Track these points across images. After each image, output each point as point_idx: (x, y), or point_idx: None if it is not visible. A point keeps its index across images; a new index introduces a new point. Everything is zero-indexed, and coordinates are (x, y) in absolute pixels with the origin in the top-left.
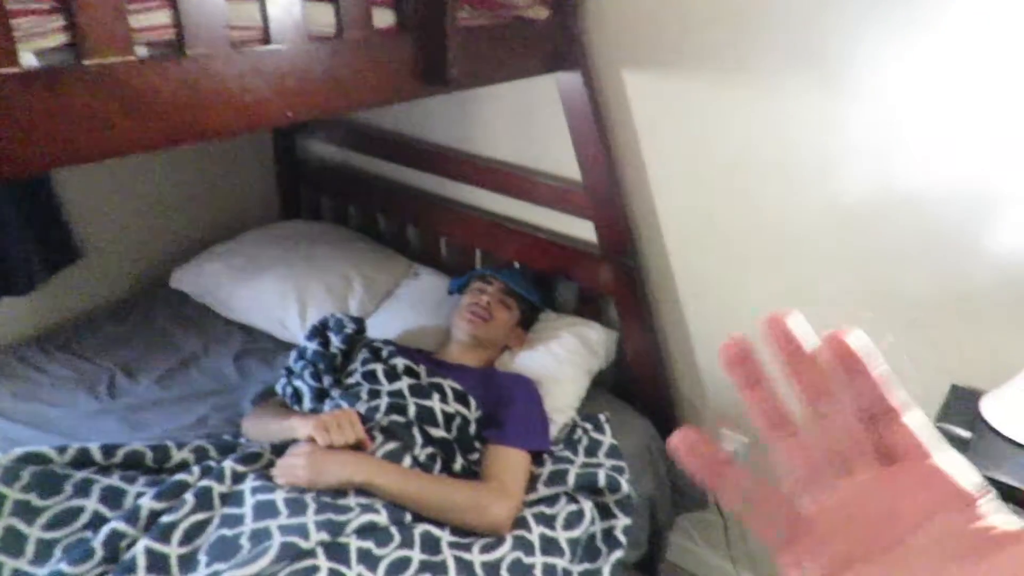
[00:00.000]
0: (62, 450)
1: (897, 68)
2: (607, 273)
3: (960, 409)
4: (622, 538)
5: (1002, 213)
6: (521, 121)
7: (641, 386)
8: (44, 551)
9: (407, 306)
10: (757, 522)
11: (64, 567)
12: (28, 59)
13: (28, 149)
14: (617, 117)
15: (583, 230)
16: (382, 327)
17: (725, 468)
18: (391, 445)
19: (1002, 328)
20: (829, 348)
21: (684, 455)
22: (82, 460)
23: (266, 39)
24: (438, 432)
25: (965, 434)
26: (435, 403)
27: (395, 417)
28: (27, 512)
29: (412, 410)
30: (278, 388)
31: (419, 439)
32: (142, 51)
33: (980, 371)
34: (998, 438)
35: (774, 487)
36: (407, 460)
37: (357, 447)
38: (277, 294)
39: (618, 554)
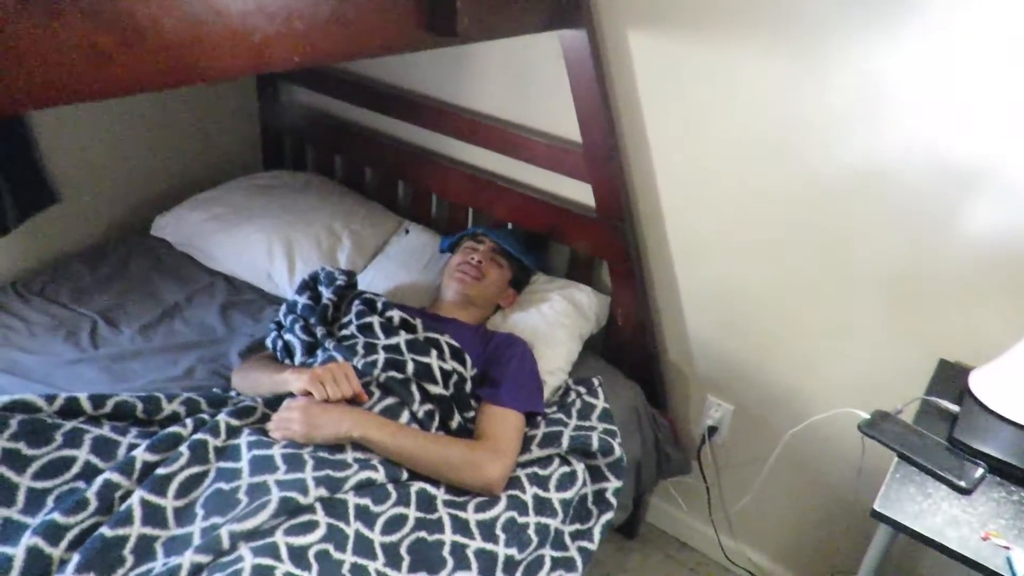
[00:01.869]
0: (50, 399)
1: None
2: (601, 236)
3: (948, 383)
4: (613, 500)
5: (990, 188)
6: (520, 78)
7: (630, 351)
8: (35, 500)
9: (397, 263)
10: None
11: (57, 516)
12: None
13: (25, 83)
14: (620, 78)
15: (578, 192)
16: (372, 284)
17: None
18: (389, 401)
19: (989, 303)
20: None
21: None
22: (71, 410)
23: None
24: (436, 389)
25: (953, 408)
26: (433, 360)
27: (393, 373)
28: (16, 461)
29: (410, 366)
30: (268, 343)
31: (417, 396)
32: None
33: (968, 346)
34: (985, 412)
35: None
36: (405, 416)
37: (353, 401)
38: (263, 246)
39: (608, 516)
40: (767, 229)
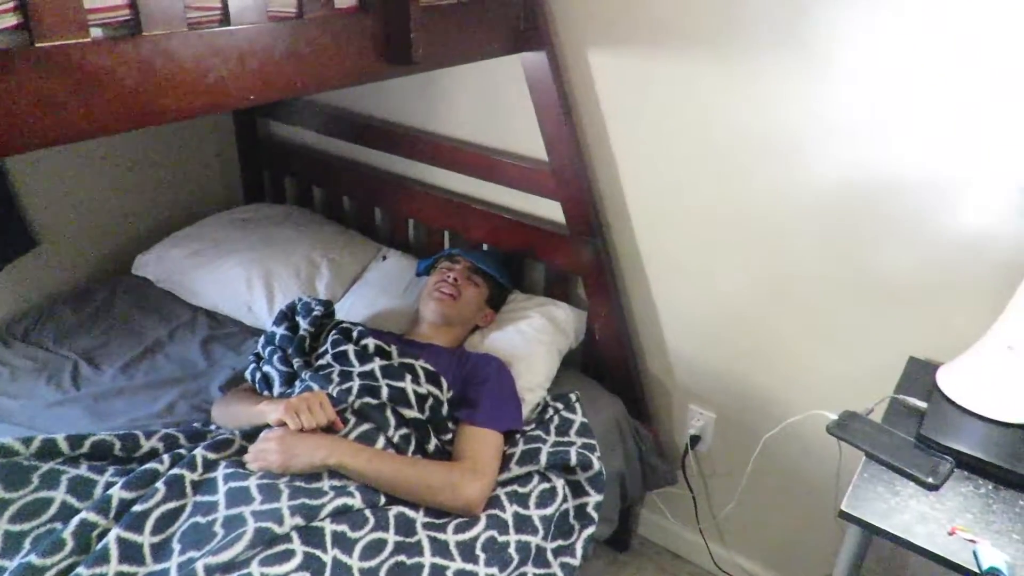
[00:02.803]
0: (27, 441)
1: (870, 50)
2: (575, 253)
3: (917, 380)
4: (594, 514)
5: (959, 196)
6: (486, 101)
7: (610, 365)
8: (13, 544)
9: (376, 290)
10: None
11: (33, 559)
12: None
13: None
14: (583, 97)
15: (550, 210)
16: (351, 311)
17: None
18: (364, 427)
19: (956, 300)
20: None
21: None
22: (48, 451)
23: (225, 19)
24: (411, 413)
25: (921, 404)
26: (407, 384)
27: (367, 399)
28: None
29: (384, 392)
30: (247, 375)
31: (392, 421)
32: (97, 32)
33: (937, 343)
34: (952, 407)
35: None
36: (381, 442)
37: (329, 430)
38: (243, 279)
39: (590, 530)
40: (735, 238)
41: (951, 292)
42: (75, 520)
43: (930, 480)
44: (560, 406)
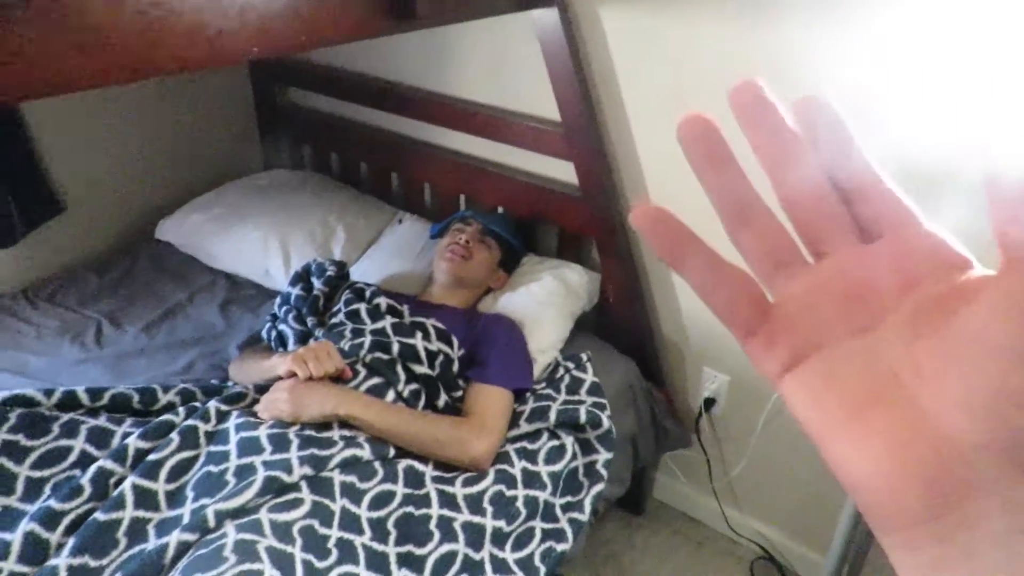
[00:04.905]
0: (48, 393)
1: (911, 9)
2: (588, 215)
3: None
4: (603, 472)
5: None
6: (498, 61)
7: (623, 327)
8: (34, 489)
9: (390, 253)
10: (721, 305)
11: (53, 503)
12: None
13: None
14: (596, 55)
15: (564, 172)
16: (366, 273)
17: (689, 244)
18: (374, 380)
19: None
20: (799, 113)
21: (648, 230)
22: (69, 403)
23: None
24: (421, 369)
25: None
26: (418, 341)
27: (378, 354)
28: (16, 452)
29: (395, 348)
30: (263, 334)
31: (402, 375)
32: None
33: None
34: None
35: (740, 268)
36: (390, 395)
37: (339, 380)
38: (260, 243)
39: (599, 487)
40: None
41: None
42: (93, 468)
43: None
44: (571, 365)
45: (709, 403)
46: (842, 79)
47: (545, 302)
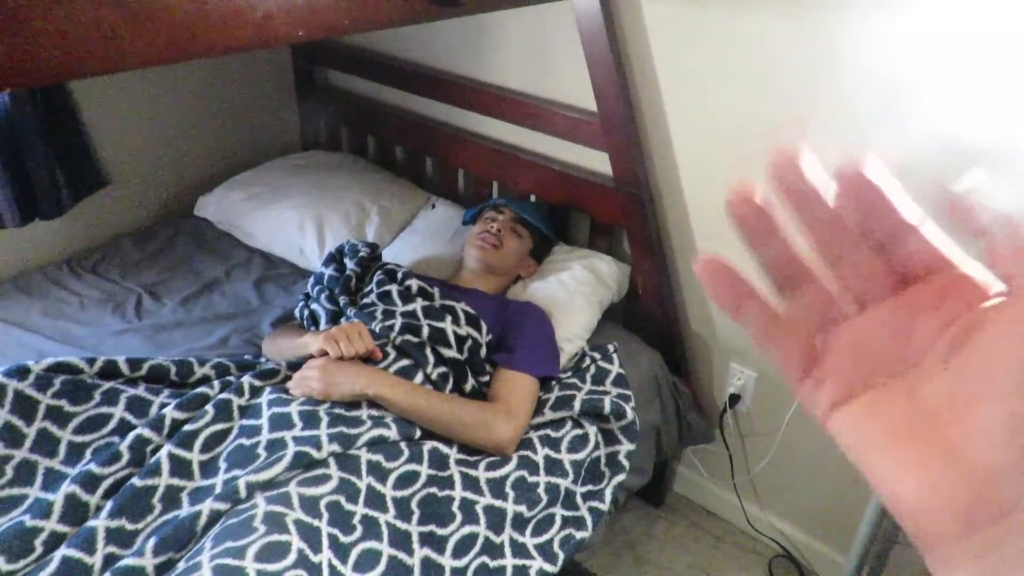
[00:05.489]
0: (91, 361)
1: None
2: (620, 205)
3: None
4: (625, 463)
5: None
6: (536, 49)
7: (651, 319)
8: (75, 453)
9: (423, 237)
10: (775, 353)
11: (93, 467)
12: None
13: (35, 59)
14: (634, 44)
15: (598, 162)
16: (398, 256)
17: (747, 296)
18: (404, 362)
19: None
20: (842, 182)
21: (708, 281)
22: (109, 372)
23: None
24: (450, 353)
25: None
26: (447, 325)
27: (408, 336)
28: (59, 416)
29: (425, 331)
30: (296, 312)
31: (431, 358)
32: None
33: None
34: None
35: (794, 319)
36: (419, 378)
37: (369, 360)
38: (296, 222)
39: (620, 477)
40: None
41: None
42: (131, 435)
43: None
44: (597, 356)
45: (734, 399)
46: (886, 72)
47: (575, 291)
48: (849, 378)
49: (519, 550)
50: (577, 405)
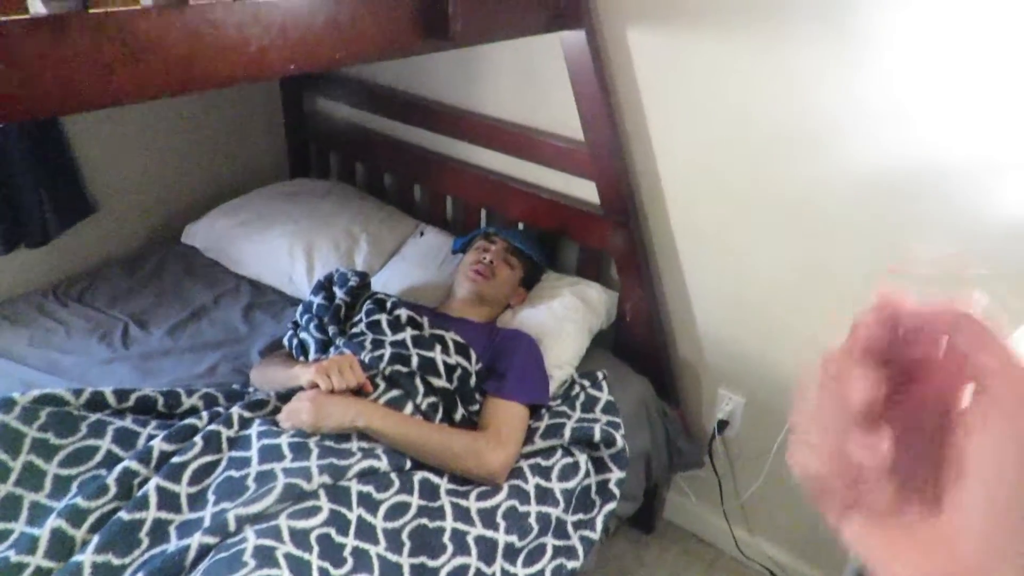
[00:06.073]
0: (77, 393)
1: (914, 17)
2: (608, 233)
3: None
4: (615, 491)
5: (1003, 181)
6: (525, 79)
7: (640, 346)
8: (61, 486)
9: (412, 264)
10: (824, 504)
11: (79, 501)
12: (36, 6)
13: (32, 93)
14: (621, 76)
15: (585, 190)
16: (387, 284)
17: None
18: (393, 393)
19: (1004, 296)
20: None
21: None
22: (96, 403)
23: None
24: (439, 382)
25: None
26: (437, 354)
27: (398, 367)
28: (45, 449)
29: (415, 360)
30: (285, 341)
31: (421, 388)
32: (147, 0)
33: None
34: None
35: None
36: (409, 408)
37: (359, 393)
38: (285, 250)
39: (611, 506)
40: (770, 220)
41: (996, 284)
42: (119, 468)
43: None
44: (587, 383)
45: (723, 424)
46: (848, 92)
47: (564, 318)
48: (875, 512)
49: None
50: (567, 433)
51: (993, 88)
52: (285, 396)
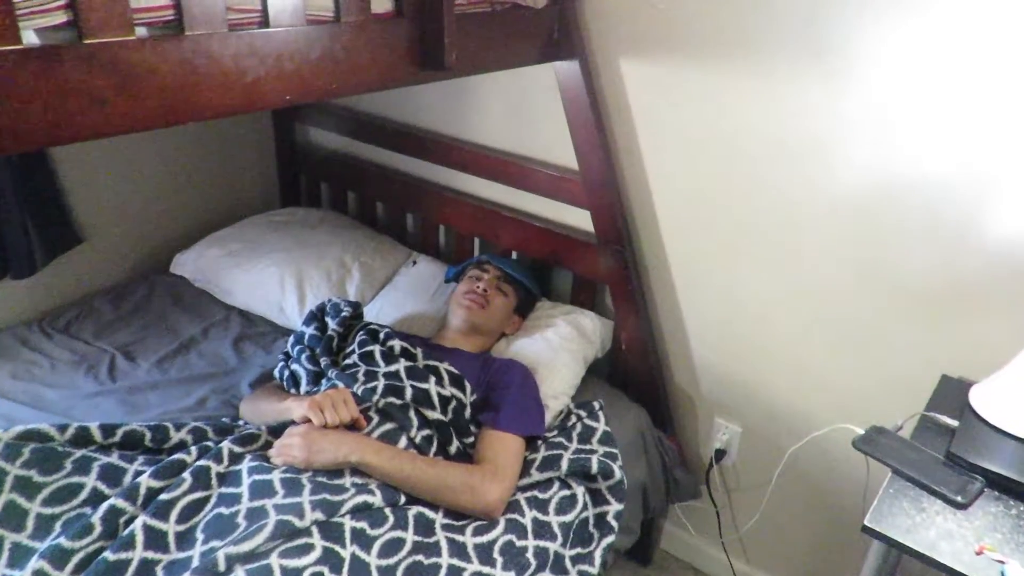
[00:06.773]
0: (62, 428)
1: (892, 50)
2: (602, 261)
3: (949, 398)
4: (614, 523)
5: (996, 201)
6: (519, 109)
7: (635, 375)
8: (44, 526)
9: (404, 293)
10: None
11: (63, 541)
12: (29, 37)
13: (25, 124)
14: (614, 105)
15: (579, 218)
16: (380, 314)
17: None
18: (387, 426)
19: (992, 318)
20: None
21: None
22: (82, 439)
23: (265, 22)
24: (434, 414)
25: (952, 423)
26: (431, 386)
27: (391, 399)
28: (28, 488)
29: (408, 392)
30: (276, 373)
31: (415, 421)
32: (142, 31)
33: (970, 361)
34: (984, 426)
35: None
36: (403, 441)
37: (352, 427)
38: (275, 280)
39: (609, 539)
40: (763, 248)
41: (985, 304)
42: (104, 506)
43: (959, 498)
44: (583, 414)
45: (720, 454)
46: (835, 119)
47: (559, 347)
48: None
49: None
50: (564, 465)
51: (980, 110)
52: (276, 430)
